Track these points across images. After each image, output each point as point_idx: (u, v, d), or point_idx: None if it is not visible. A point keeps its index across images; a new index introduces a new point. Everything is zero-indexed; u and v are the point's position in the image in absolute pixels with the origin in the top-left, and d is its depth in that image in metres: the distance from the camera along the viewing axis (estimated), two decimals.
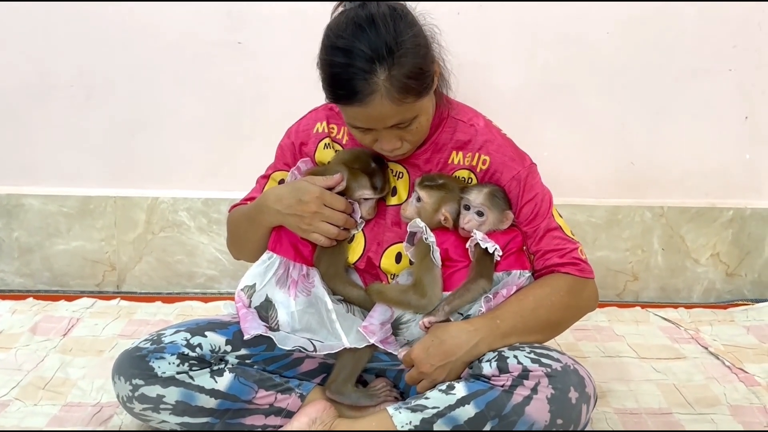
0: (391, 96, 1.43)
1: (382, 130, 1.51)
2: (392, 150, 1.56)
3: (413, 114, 1.50)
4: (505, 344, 1.51)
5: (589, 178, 2.53)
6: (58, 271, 2.54)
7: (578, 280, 1.60)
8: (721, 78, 2.46)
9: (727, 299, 2.58)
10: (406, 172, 1.66)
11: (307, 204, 1.57)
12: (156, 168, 2.51)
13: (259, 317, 1.59)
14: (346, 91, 1.44)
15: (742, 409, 1.80)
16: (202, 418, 1.52)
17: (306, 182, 1.60)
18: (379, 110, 1.45)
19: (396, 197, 1.67)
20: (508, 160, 1.62)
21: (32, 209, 2.50)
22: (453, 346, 1.50)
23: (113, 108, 2.45)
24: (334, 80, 1.46)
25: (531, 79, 2.44)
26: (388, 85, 1.42)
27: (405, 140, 1.55)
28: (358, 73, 1.42)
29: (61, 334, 2.14)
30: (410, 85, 1.44)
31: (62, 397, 1.80)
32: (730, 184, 2.56)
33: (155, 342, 1.54)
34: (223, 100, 2.44)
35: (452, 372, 1.50)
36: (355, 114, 1.48)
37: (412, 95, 1.45)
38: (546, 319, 1.56)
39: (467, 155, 1.63)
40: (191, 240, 2.53)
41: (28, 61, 2.41)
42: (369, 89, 1.42)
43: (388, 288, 1.61)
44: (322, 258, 1.64)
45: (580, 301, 1.62)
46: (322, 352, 1.58)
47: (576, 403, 1.42)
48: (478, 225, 1.57)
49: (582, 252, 1.63)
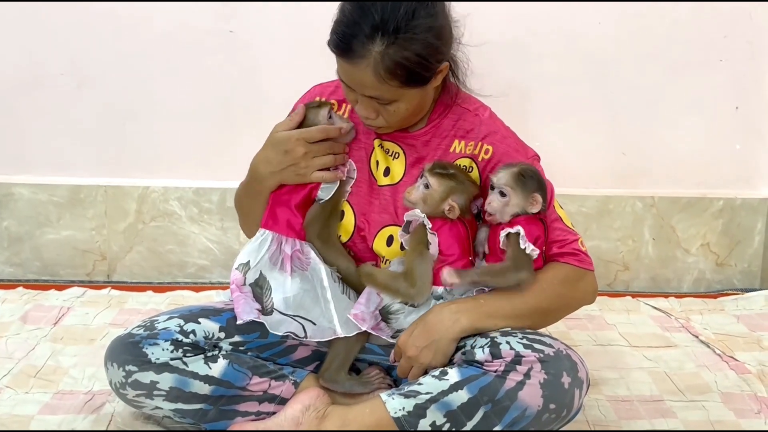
0: (376, 70, 1.44)
1: (360, 95, 1.52)
2: (365, 118, 1.58)
3: (393, 96, 1.50)
4: (490, 324, 1.51)
5: (581, 169, 2.54)
6: (49, 261, 2.53)
7: (576, 270, 1.59)
8: (712, 69, 2.47)
9: (717, 289, 2.60)
10: (402, 152, 1.66)
11: (293, 150, 1.58)
12: (147, 157, 2.50)
13: (254, 295, 1.58)
14: (343, 44, 1.46)
15: (732, 396, 1.82)
16: (196, 405, 1.52)
17: (279, 134, 1.60)
18: (361, 76, 1.46)
19: (389, 177, 1.66)
20: (512, 151, 1.62)
21: (22, 198, 2.49)
22: (435, 324, 1.50)
23: (104, 97, 2.44)
24: (339, 28, 1.47)
25: (523, 69, 2.44)
26: (378, 59, 1.43)
27: (381, 115, 1.55)
28: (359, 34, 1.43)
29: (52, 323, 2.13)
30: (398, 71, 1.44)
31: (54, 385, 1.80)
32: (720, 174, 2.58)
33: (148, 328, 1.54)
34: (214, 89, 2.43)
35: (438, 352, 1.50)
36: (342, 68, 1.50)
37: (397, 81, 1.46)
38: (535, 305, 1.55)
39: (469, 144, 1.63)
40: (182, 229, 2.53)
41: (18, 50, 2.40)
42: (360, 53, 1.44)
43: (379, 272, 1.60)
44: (314, 222, 1.63)
45: (575, 291, 1.61)
46: (314, 339, 1.57)
47: (569, 388, 1.43)
48: (501, 207, 1.53)
49: (582, 244, 1.62)
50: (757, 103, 2.51)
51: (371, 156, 1.67)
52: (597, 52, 2.44)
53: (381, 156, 1.67)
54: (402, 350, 1.53)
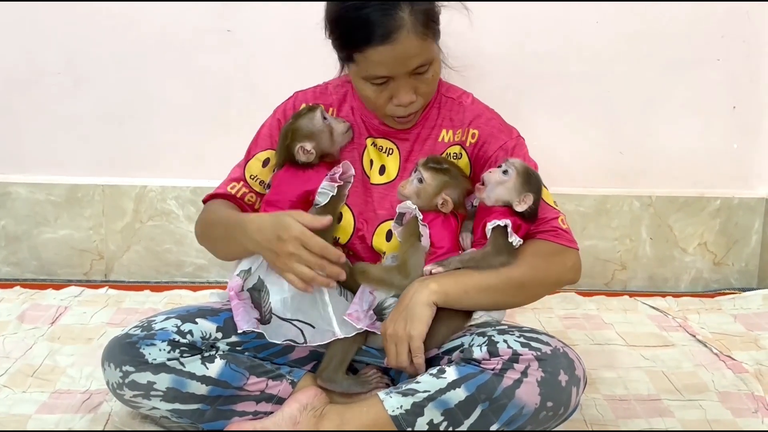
0: (416, 30, 1.46)
1: (401, 78, 1.52)
2: (408, 103, 1.56)
3: (432, 56, 1.52)
4: (459, 289, 1.51)
5: (578, 168, 2.54)
6: (46, 260, 2.53)
7: (552, 245, 1.59)
8: (710, 68, 2.47)
9: (714, 288, 2.60)
10: (396, 148, 1.67)
11: (284, 243, 1.49)
12: (144, 156, 2.50)
13: (252, 300, 1.58)
14: (373, 29, 1.45)
15: (730, 395, 1.82)
16: (193, 405, 1.52)
17: (290, 218, 1.51)
18: (406, 46, 1.47)
19: (385, 175, 1.67)
20: (496, 131, 1.64)
21: (19, 197, 2.49)
22: (405, 294, 1.52)
23: (101, 96, 2.43)
24: (357, 22, 1.47)
25: (520, 68, 2.44)
26: (413, 18, 1.46)
27: (419, 93, 1.56)
28: (378, 10, 1.45)
29: (49, 322, 2.13)
30: (430, 22, 1.49)
31: (51, 385, 1.79)
32: (718, 173, 2.58)
33: (145, 329, 1.53)
34: (212, 88, 2.43)
35: (413, 319, 1.48)
36: (380, 57, 1.48)
37: (431, 32, 1.50)
38: (508, 276, 1.53)
39: (457, 132, 1.65)
40: (180, 229, 2.52)
41: (14, 48, 2.40)
42: (395, 24, 1.45)
43: (372, 267, 1.61)
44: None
45: (551, 264, 1.58)
46: (314, 343, 1.57)
47: (566, 386, 1.43)
48: (495, 184, 1.54)
49: (563, 222, 1.62)
50: (754, 102, 2.51)
51: (363, 155, 1.68)
52: (594, 51, 2.44)
53: (375, 154, 1.67)
54: (383, 333, 1.53)
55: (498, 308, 1.60)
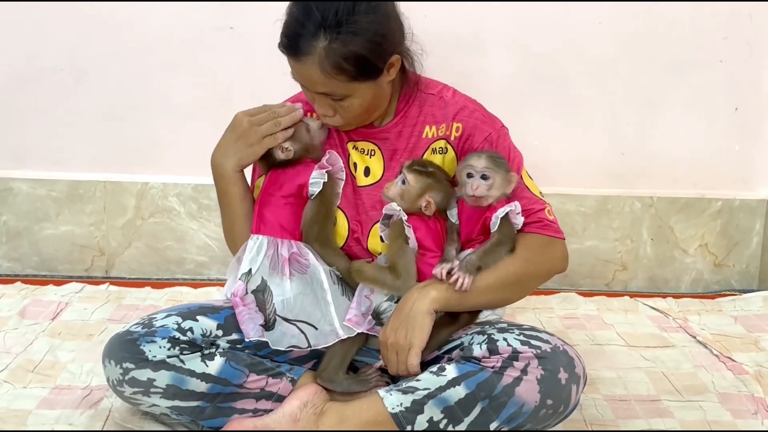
0: (322, 66, 1.47)
1: (315, 93, 1.54)
2: (323, 116, 1.60)
3: (345, 92, 1.52)
4: (460, 296, 1.52)
5: (579, 168, 2.54)
6: (47, 256, 2.53)
7: (541, 237, 1.60)
8: (712, 69, 2.47)
9: (714, 289, 2.60)
10: (377, 148, 1.67)
11: (238, 126, 1.62)
12: (146, 153, 2.50)
13: (257, 304, 1.58)
14: (289, 42, 1.50)
15: (730, 396, 1.82)
16: (193, 402, 1.52)
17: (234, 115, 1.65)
18: (310, 74, 1.49)
19: (370, 176, 1.68)
20: (480, 123, 1.64)
21: (21, 193, 2.49)
22: (405, 303, 1.53)
23: (103, 92, 2.44)
24: (287, 29, 1.51)
25: (522, 68, 2.44)
26: (323, 54, 1.46)
27: (338, 113, 1.57)
28: (303, 33, 1.47)
29: (50, 318, 2.13)
30: (344, 65, 1.47)
31: (51, 380, 1.80)
32: (719, 175, 2.58)
33: (146, 326, 1.53)
34: (214, 85, 2.43)
35: (415, 328, 1.50)
36: (293, 68, 1.53)
37: (345, 75, 1.48)
38: (505, 274, 1.55)
39: (441, 127, 1.65)
40: (181, 226, 2.52)
41: (16, 45, 2.40)
42: (306, 50, 1.47)
43: (368, 266, 1.62)
44: (312, 224, 1.64)
45: (541, 256, 1.60)
46: (317, 346, 1.58)
47: (566, 384, 1.43)
48: (487, 189, 1.55)
49: (550, 212, 1.63)
50: (756, 104, 2.51)
51: (349, 160, 1.69)
52: (596, 51, 2.44)
53: (357, 157, 1.68)
54: (382, 342, 1.54)
55: (496, 306, 1.62)
